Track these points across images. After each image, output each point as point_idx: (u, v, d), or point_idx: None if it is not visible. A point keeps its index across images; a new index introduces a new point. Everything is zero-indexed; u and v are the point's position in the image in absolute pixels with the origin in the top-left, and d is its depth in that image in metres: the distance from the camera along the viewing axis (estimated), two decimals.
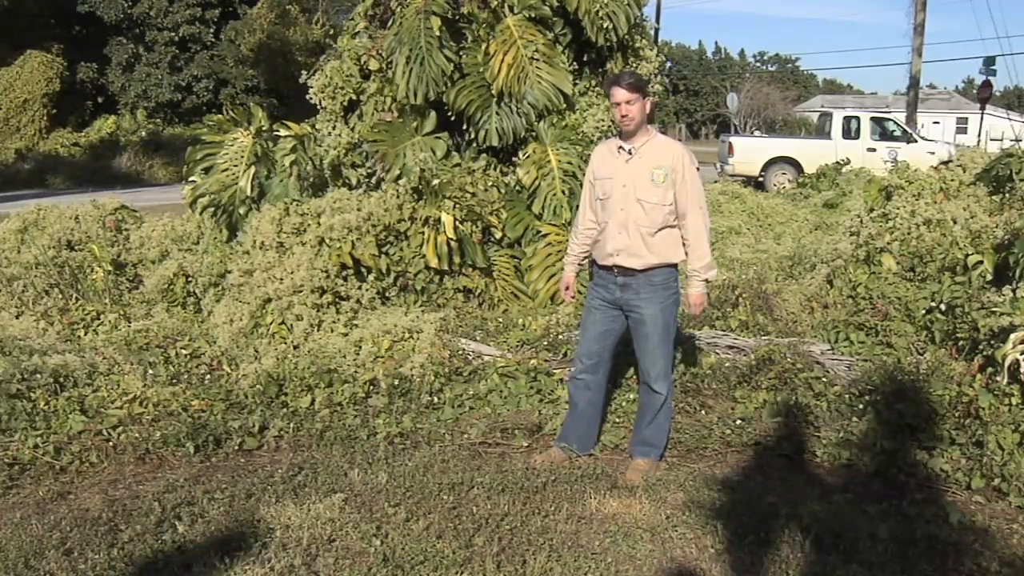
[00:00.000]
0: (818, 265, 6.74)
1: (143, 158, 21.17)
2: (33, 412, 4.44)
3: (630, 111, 3.81)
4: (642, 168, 3.86)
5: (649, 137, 3.90)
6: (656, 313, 3.92)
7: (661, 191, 3.83)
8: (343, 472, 3.98)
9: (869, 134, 17.51)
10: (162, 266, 6.33)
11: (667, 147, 3.92)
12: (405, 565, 3.18)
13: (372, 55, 6.91)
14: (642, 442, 4.11)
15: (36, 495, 3.85)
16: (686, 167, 3.85)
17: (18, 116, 21.12)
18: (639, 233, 3.86)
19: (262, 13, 23.77)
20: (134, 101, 24.58)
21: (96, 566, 3.20)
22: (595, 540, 3.41)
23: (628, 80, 3.85)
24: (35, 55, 21.41)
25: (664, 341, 3.98)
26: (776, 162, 17.45)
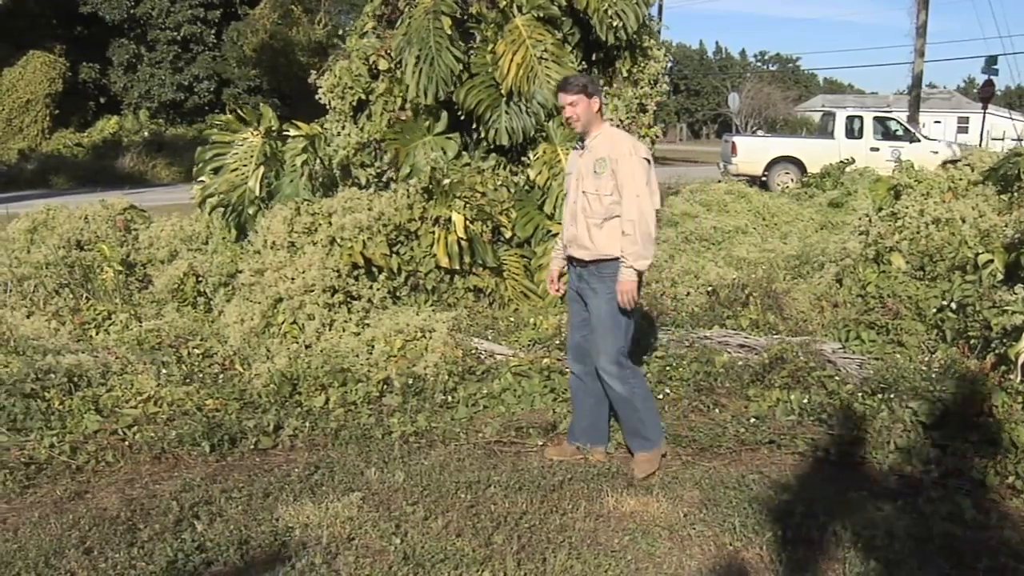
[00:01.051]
0: (827, 264, 6.74)
1: (146, 158, 21.17)
2: (48, 412, 4.45)
3: (574, 112, 3.99)
4: (589, 161, 4.02)
5: (599, 132, 4.05)
6: (600, 304, 4.00)
7: (601, 182, 3.94)
8: (359, 471, 3.99)
9: (872, 134, 17.51)
10: (172, 266, 6.34)
11: (610, 139, 4.02)
12: (425, 563, 3.19)
13: (381, 55, 6.92)
14: (632, 434, 4.14)
15: (53, 494, 3.86)
16: (623, 156, 3.91)
17: (21, 116, 21.12)
18: (586, 224, 3.99)
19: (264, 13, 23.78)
20: (136, 101, 24.58)
21: (116, 565, 3.21)
22: (614, 538, 3.42)
23: (569, 84, 4.02)
24: (38, 55, 21.42)
25: (608, 332, 4.01)
26: (779, 162, 17.45)
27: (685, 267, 6.79)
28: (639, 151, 3.99)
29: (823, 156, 15.91)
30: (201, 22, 24.43)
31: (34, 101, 21.16)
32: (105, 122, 23.13)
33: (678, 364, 4.81)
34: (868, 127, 17.59)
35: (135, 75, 24.72)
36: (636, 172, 3.91)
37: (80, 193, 17.36)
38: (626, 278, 3.92)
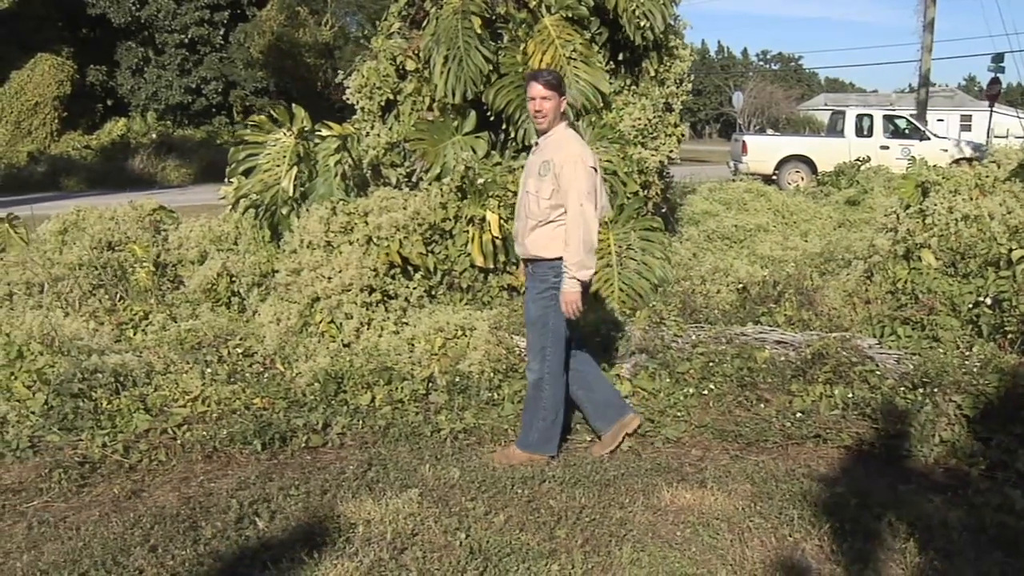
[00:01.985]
0: (854, 261, 6.77)
1: (156, 160, 21.18)
2: (97, 411, 4.48)
3: (544, 107, 3.93)
4: (536, 161, 4.01)
5: (553, 134, 4.01)
6: (527, 303, 4.08)
7: (543, 184, 3.91)
8: (413, 468, 4.02)
9: (882, 132, 17.57)
10: (205, 266, 6.35)
11: (559, 143, 3.97)
12: (492, 557, 3.22)
13: (409, 55, 6.94)
14: (525, 428, 4.16)
15: (110, 493, 3.88)
16: (566, 162, 3.85)
17: (29, 119, 21.13)
18: (526, 223, 4.01)
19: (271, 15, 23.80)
20: (144, 103, 24.59)
21: (185, 562, 3.24)
22: (675, 531, 3.46)
23: (546, 77, 3.97)
24: (46, 58, 21.43)
25: (534, 332, 4.05)
26: (789, 160, 17.50)
27: (714, 265, 6.82)
28: (586, 159, 3.93)
29: (833, 155, 15.95)
30: (208, 24, 24.44)
31: (42, 104, 21.18)
32: (113, 124, 23.14)
33: (721, 360, 4.84)
34: (878, 125, 17.65)
35: (142, 77, 24.74)
36: (580, 179, 3.84)
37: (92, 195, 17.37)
38: (569, 288, 3.88)
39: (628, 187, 6.52)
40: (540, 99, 3.92)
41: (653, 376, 4.83)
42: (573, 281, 3.86)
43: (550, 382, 4.07)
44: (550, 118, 3.95)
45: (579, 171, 3.85)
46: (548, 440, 4.11)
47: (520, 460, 4.08)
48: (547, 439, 4.11)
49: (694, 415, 4.55)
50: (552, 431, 4.12)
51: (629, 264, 6.39)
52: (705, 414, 4.58)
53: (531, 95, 3.96)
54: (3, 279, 6.22)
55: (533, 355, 4.08)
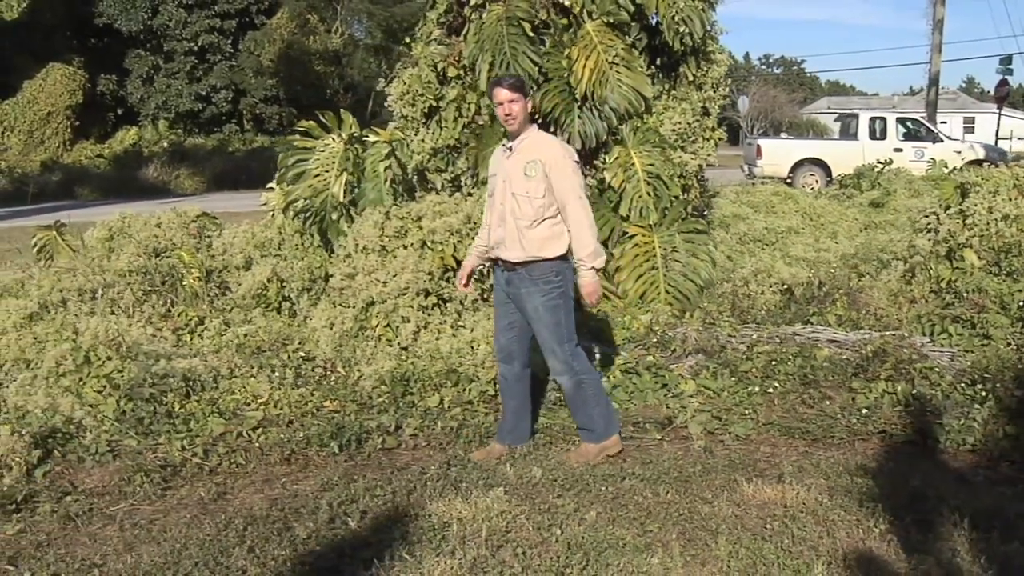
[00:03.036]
0: (894, 262, 6.85)
1: (169, 168, 21.25)
2: (171, 416, 4.53)
3: (512, 110, 3.99)
4: (518, 163, 4.03)
5: (528, 135, 4.08)
6: (537, 307, 4.04)
7: (533, 184, 3.96)
8: (493, 467, 4.08)
9: (895, 135, 17.69)
10: (254, 271, 6.41)
11: (541, 143, 4.06)
12: (590, 552, 3.27)
13: (451, 62, 7.00)
14: (582, 427, 4.23)
15: (196, 496, 3.92)
16: (557, 160, 3.96)
17: (42, 128, 21.20)
18: (515, 226, 4.01)
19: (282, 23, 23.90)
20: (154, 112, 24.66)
21: (286, 562, 3.28)
22: (763, 524, 3.51)
23: (510, 81, 4.06)
24: (57, 68, 21.50)
25: (552, 335, 4.07)
26: (804, 164, 17.60)
27: (755, 267, 6.90)
28: (571, 155, 4.07)
29: (847, 157, 16.06)
30: (217, 32, 24.54)
31: (55, 113, 21.24)
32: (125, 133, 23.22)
33: (783, 359, 4.90)
34: (891, 128, 17.77)
35: (152, 86, 24.82)
36: (573, 175, 3.98)
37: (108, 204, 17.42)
38: (588, 279, 4.00)
39: (672, 190, 6.59)
40: (508, 103, 3.99)
41: (715, 375, 4.90)
42: (591, 272, 3.98)
43: (586, 374, 4.14)
44: (520, 119, 4.02)
45: (569, 167, 3.98)
46: (611, 421, 4.22)
47: (595, 455, 4.14)
48: (609, 422, 4.21)
49: (760, 413, 4.61)
50: (610, 413, 4.23)
51: (674, 266, 6.46)
52: (771, 412, 4.65)
53: (498, 100, 4.03)
54: (56, 286, 6.27)
55: (556, 358, 4.09)
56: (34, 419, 4.49)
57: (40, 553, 3.43)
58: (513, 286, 4.09)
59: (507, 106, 3.99)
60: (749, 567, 3.19)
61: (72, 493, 3.97)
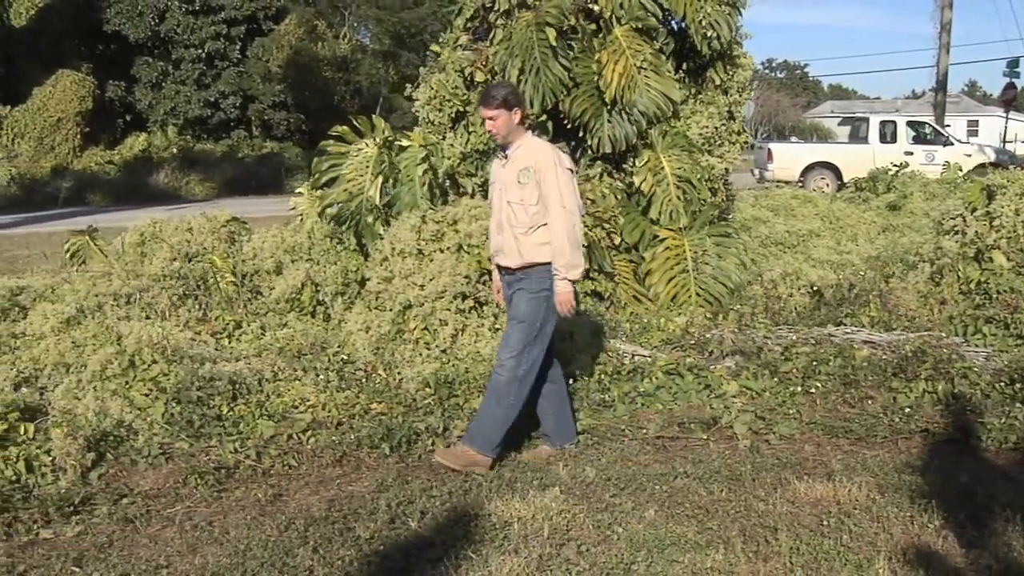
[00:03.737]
0: (920, 264, 6.89)
1: (179, 174, 21.32)
2: (220, 418, 4.57)
3: (495, 126, 4.07)
4: (512, 171, 4.09)
5: (522, 143, 4.12)
6: (519, 302, 4.09)
7: (526, 191, 4.01)
8: (546, 467, 4.13)
9: (906, 138, 17.77)
10: (288, 275, 6.46)
11: (533, 150, 4.10)
12: (653, 549, 3.32)
13: (478, 67, 7.07)
14: (476, 427, 4.15)
15: (252, 497, 3.94)
16: (548, 168, 3.99)
17: (52, 135, 21.25)
18: (512, 233, 4.06)
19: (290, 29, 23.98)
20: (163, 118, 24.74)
21: (352, 562, 3.31)
22: (820, 521, 3.56)
23: (487, 98, 4.10)
24: (67, 74, 21.58)
25: (522, 332, 4.05)
26: (814, 167, 17.68)
27: (784, 269, 6.95)
28: (563, 162, 4.08)
29: (858, 161, 16.14)
30: (225, 38, 24.62)
31: (65, 120, 21.30)
32: (134, 139, 23.29)
33: (823, 359, 4.96)
34: (902, 132, 17.86)
35: (160, 92, 24.90)
36: (561, 183, 3.99)
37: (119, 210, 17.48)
38: (562, 289, 4.01)
39: (701, 194, 6.65)
40: (489, 119, 4.07)
41: (756, 376, 4.95)
42: (565, 282, 4.00)
43: (521, 385, 4.08)
44: (504, 132, 4.07)
45: (559, 174, 3.99)
46: (494, 445, 4.10)
47: (463, 463, 4.05)
48: (493, 444, 4.09)
49: (803, 413, 4.66)
50: (498, 439, 4.10)
51: (705, 269, 6.52)
52: (813, 412, 4.69)
53: (482, 117, 4.14)
54: (92, 290, 6.31)
55: (509, 353, 4.07)
56: (84, 422, 4.53)
57: (103, 555, 3.46)
58: (512, 288, 4.17)
59: (488, 124, 4.10)
60: (811, 563, 3.24)
61: (128, 495, 3.99)
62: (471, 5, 7.56)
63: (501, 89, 4.17)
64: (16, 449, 4.25)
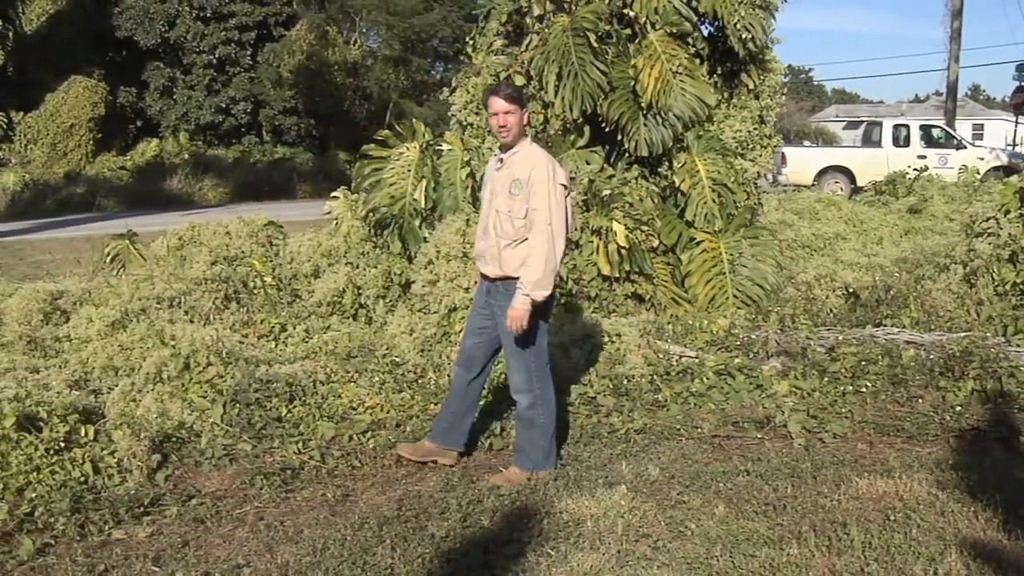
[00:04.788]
0: (952, 266, 6.96)
1: (192, 180, 21.42)
2: (281, 420, 4.63)
3: (508, 121, 3.85)
4: (506, 179, 3.91)
5: (520, 148, 3.93)
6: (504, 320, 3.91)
7: (516, 204, 3.84)
8: (609, 466, 4.18)
9: (919, 142, 17.88)
10: (329, 279, 6.53)
11: (529, 159, 3.89)
12: (728, 545, 3.38)
13: (516, 70, 7.13)
14: (518, 449, 4.15)
15: (321, 497, 3.98)
16: (539, 181, 3.79)
17: (65, 141, 21.35)
18: (496, 242, 3.92)
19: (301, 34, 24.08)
20: (174, 124, 24.83)
21: (432, 560, 3.36)
22: (886, 516, 3.62)
23: (506, 91, 3.94)
24: (79, 80, 21.67)
25: (518, 354, 3.97)
26: (828, 171, 17.78)
27: (818, 271, 7.02)
28: (558, 176, 3.87)
29: (872, 165, 16.24)
30: (235, 44, 24.72)
31: (77, 125, 21.40)
32: (146, 145, 23.40)
33: (873, 359, 5.02)
34: (915, 136, 17.96)
35: (171, 98, 25.00)
36: (552, 201, 3.80)
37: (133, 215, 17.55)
38: (520, 305, 3.81)
39: (738, 197, 6.72)
40: (504, 114, 3.84)
41: (804, 376, 5.01)
42: (526, 299, 3.80)
43: (543, 401, 4.05)
44: (515, 132, 3.88)
45: (552, 190, 3.80)
46: (549, 455, 4.10)
47: (522, 481, 4.03)
48: (548, 454, 4.09)
49: (855, 412, 4.72)
50: (552, 446, 4.10)
51: (741, 271, 6.59)
52: (864, 411, 4.76)
53: (493, 110, 3.88)
54: (135, 294, 6.38)
55: (519, 376, 4.02)
56: (144, 423, 4.58)
57: (180, 555, 3.48)
58: (492, 298, 4.03)
59: (502, 117, 3.85)
60: (884, 556, 3.30)
61: (196, 496, 4.02)
62: (503, 9, 7.63)
63: (514, 86, 4.04)
64: (80, 451, 4.30)
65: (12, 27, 20.65)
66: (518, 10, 7.49)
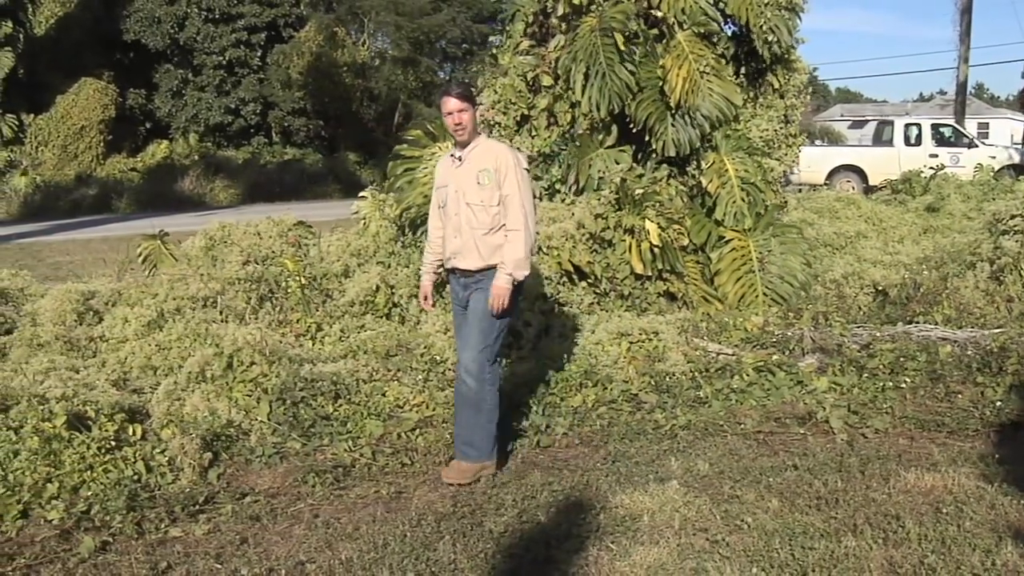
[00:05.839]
0: (979, 263, 7.01)
1: (204, 181, 21.47)
2: (328, 418, 4.68)
3: (463, 119, 3.97)
4: (469, 172, 4.02)
5: (478, 143, 4.07)
6: (479, 300, 4.04)
7: (487, 193, 3.97)
8: (658, 462, 4.24)
9: (930, 141, 17.93)
10: (361, 278, 6.57)
11: (491, 150, 4.05)
12: (786, 537, 3.43)
13: (544, 71, 7.19)
14: (463, 442, 4.14)
15: (376, 494, 4.02)
16: (509, 168, 3.96)
17: (76, 143, 21.41)
18: (472, 235, 4.01)
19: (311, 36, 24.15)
20: (184, 126, 24.90)
21: (495, 554, 3.40)
22: (937, 509, 3.67)
23: (458, 90, 4.03)
24: (90, 82, 21.73)
25: (481, 331, 4.04)
26: (840, 170, 17.84)
27: (845, 270, 7.08)
28: (522, 162, 4.06)
29: (883, 164, 16.30)
30: (245, 45, 24.78)
31: (88, 127, 21.45)
32: (156, 146, 23.47)
33: (911, 355, 5.08)
34: (926, 134, 18.02)
35: (181, 100, 25.06)
36: (522, 185, 3.98)
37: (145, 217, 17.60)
38: (502, 283, 3.95)
39: (767, 196, 6.78)
40: (458, 112, 3.96)
41: (843, 372, 5.07)
42: (508, 278, 3.95)
43: (491, 385, 4.10)
44: (469, 129, 4.01)
45: (521, 175, 3.99)
46: (494, 444, 4.14)
47: (473, 474, 4.07)
48: (493, 443, 4.14)
49: (895, 407, 4.77)
50: (492, 431, 4.13)
51: (771, 269, 6.63)
52: (904, 406, 4.81)
53: (447, 110, 3.99)
54: (170, 294, 6.42)
55: (471, 356, 4.06)
56: (192, 422, 4.63)
57: (241, 552, 3.51)
58: (469, 290, 4.11)
59: (456, 116, 3.97)
60: (940, 548, 3.34)
61: (250, 494, 4.05)
62: (528, 10, 7.68)
63: (465, 84, 4.10)
64: (131, 449, 4.35)
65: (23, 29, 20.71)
66: (543, 10, 7.55)
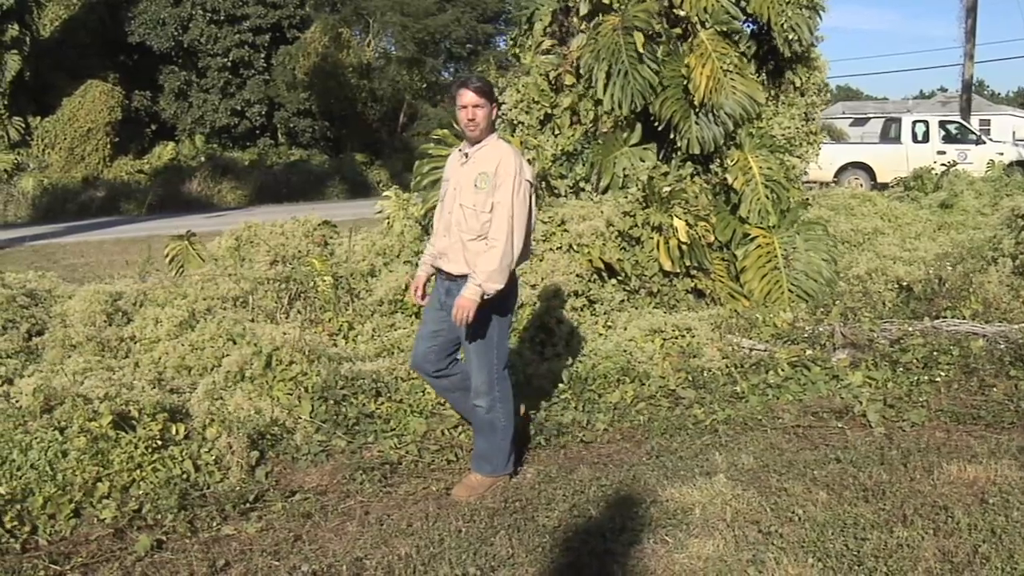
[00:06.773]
0: (1000, 259, 7.07)
1: (211, 183, 21.50)
2: (372, 416, 4.72)
3: (477, 115, 3.77)
4: (471, 172, 3.83)
5: (487, 143, 3.84)
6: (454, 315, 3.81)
7: (481, 197, 3.76)
8: (702, 456, 4.29)
9: (938, 138, 18.00)
10: (390, 277, 6.61)
11: (497, 153, 3.80)
12: (838, 528, 3.48)
13: (567, 70, 7.24)
14: (477, 456, 4.12)
15: (425, 491, 4.05)
16: (508, 175, 3.72)
17: (82, 145, 21.40)
18: (459, 237, 3.83)
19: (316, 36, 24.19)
20: (190, 127, 24.93)
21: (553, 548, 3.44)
22: (984, 499, 3.72)
23: (476, 84, 3.82)
24: (96, 84, 21.73)
25: (481, 354, 3.92)
26: (849, 168, 17.90)
27: (869, 266, 7.14)
28: (525, 172, 3.81)
29: (891, 161, 16.36)
30: (249, 47, 24.80)
31: (95, 130, 21.45)
32: (162, 148, 23.48)
33: (944, 350, 5.13)
34: (934, 131, 18.09)
35: (186, 101, 25.08)
36: (517, 197, 3.73)
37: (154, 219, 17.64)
38: (470, 295, 3.71)
39: (791, 193, 6.83)
40: (472, 107, 3.76)
41: (876, 366, 5.12)
42: (477, 290, 3.71)
43: (502, 403, 4.01)
44: (483, 126, 3.79)
45: (518, 185, 3.74)
46: (509, 458, 4.11)
47: (486, 488, 4.03)
48: (508, 458, 4.10)
49: (931, 401, 4.83)
50: (511, 449, 4.09)
51: (796, 266, 6.69)
52: (939, 400, 4.87)
53: (462, 103, 3.78)
54: (200, 294, 6.47)
55: (481, 378, 3.95)
56: (236, 421, 4.67)
57: (296, 548, 3.54)
58: (451, 296, 3.87)
59: (471, 110, 3.76)
60: (991, 537, 3.40)
61: (299, 492, 4.08)
62: (547, 9, 7.73)
63: (486, 80, 3.96)
64: (177, 448, 4.39)
65: (29, 32, 20.71)
66: (564, 9, 7.61)
